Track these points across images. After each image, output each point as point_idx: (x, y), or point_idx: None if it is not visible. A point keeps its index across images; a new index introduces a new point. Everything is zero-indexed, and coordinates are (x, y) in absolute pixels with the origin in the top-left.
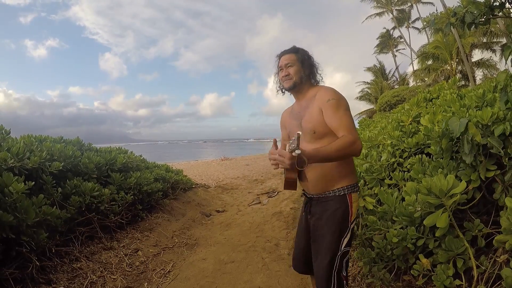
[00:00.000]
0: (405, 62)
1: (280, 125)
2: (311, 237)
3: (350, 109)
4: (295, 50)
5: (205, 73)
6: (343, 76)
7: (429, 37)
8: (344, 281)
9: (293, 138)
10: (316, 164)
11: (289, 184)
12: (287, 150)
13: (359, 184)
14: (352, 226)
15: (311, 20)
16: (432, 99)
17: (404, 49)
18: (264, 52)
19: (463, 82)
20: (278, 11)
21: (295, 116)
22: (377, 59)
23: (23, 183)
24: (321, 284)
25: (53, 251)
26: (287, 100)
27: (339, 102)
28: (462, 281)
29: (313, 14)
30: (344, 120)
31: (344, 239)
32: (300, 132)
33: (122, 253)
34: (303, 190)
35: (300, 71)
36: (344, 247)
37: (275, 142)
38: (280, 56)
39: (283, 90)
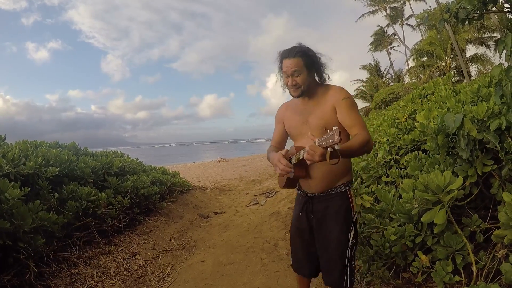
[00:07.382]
0: (400, 59)
1: (275, 120)
2: (315, 236)
3: None
4: (301, 53)
5: (208, 74)
6: (341, 74)
7: (423, 34)
8: (355, 270)
9: (329, 133)
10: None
11: (290, 183)
12: (311, 147)
13: (356, 182)
14: (354, 219)
15: (314, 18)
16: (427, 95)
17: (398, 45)
18: (266, 52)
19: (458, 78)
20: (284, 9)
21: (300, 112)
22: (373, 57)
23: (19, 189)
24: (333, 277)
25: (51, 257)
26: (287, 98)
27: (353, 101)
28: (461, 277)
29: (318, 11)
30: (358, 118)
31: (350, 232)
32: (337, 127)
33: (120, 257)
34: (299, 190)
35: (308, 78)
36: (352, 239)
37: (286, 152)
38: (284, 57)
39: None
